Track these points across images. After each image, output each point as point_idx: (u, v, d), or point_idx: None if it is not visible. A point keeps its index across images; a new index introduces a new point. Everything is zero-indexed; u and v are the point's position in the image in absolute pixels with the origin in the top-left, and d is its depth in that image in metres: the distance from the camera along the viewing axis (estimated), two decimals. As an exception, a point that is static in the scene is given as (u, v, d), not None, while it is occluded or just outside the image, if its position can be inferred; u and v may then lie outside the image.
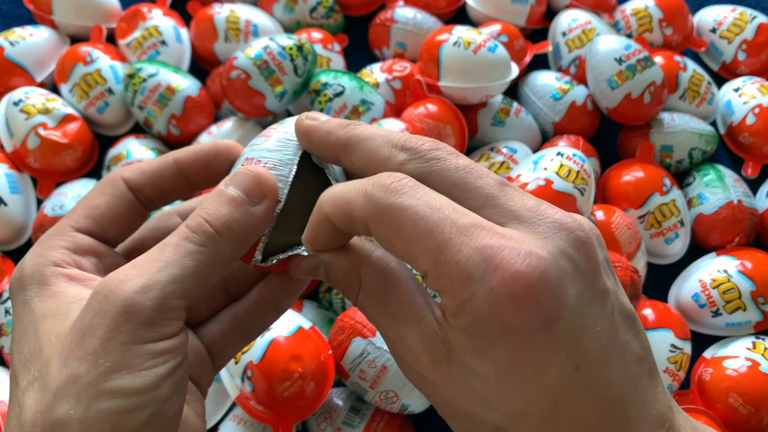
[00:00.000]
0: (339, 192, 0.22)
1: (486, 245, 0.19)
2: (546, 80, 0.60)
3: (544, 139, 0.60)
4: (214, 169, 0.27)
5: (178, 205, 0.30)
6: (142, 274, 0.21)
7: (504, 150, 0.55)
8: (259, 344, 0.41)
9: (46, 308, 0.22)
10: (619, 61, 0.56)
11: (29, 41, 0.59)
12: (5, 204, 0.53)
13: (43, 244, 0.24)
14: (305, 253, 0.25)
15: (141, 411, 0.20)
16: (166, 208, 0.36)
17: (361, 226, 0.21)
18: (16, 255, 0.54)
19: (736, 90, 0.61)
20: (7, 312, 0.48)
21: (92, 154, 0.58)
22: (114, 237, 0.26)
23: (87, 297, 0.22)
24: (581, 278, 0.20)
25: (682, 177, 0.59)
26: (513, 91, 0.62)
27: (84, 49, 0.58)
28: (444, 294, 0.20)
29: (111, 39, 0.63)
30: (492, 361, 0.19)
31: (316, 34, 0.61)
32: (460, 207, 0.20)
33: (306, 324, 0.44)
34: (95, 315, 0.21)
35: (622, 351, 0.20)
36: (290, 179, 0.24)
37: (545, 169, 0.48)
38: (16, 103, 0.55)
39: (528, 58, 0.62)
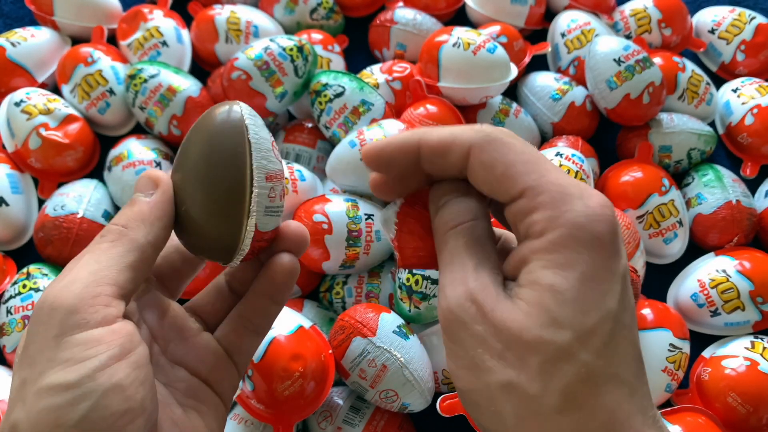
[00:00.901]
0: (437, 127, 0.25)
1: (577, 183, 0.22)
2: (545, 81, 0.60)
3: (543, 139, 0.60)
4: None
5: None
6: (64, 278, 0.23)
7: (503, 150, 0.55)
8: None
9: None
10: (618, 61, 0.56)
11: (30, 42, 0.59)
12: (7, 204, 0.53)
13: None
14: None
15: (76, 406, 0.21)
16: None
17: (457, 153, 0.24)
18: (18, 255, 0.54)
19: (735, 90, 0.61)
20: (8, 312, 0.49)
21: (93, 155, 0.58)
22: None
23: None
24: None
25: (680, 177, 0.59)
26: (512, 92, 0.63)
27: (85, 49, 0.58)
28: (540, 209, 0.22)
29: (112, 40, 0.63)
30: (575, 273, 0.21)
31: (317, 35, 0.61)
32: None
33: (306, 323, 0.44)
34: (33, 323, 0.23)
35: (636, 325, 0.23)
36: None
37: (544, 169, 0.48)
38: (17, 104, 0.55)
39: (527, 59, 0.62)
